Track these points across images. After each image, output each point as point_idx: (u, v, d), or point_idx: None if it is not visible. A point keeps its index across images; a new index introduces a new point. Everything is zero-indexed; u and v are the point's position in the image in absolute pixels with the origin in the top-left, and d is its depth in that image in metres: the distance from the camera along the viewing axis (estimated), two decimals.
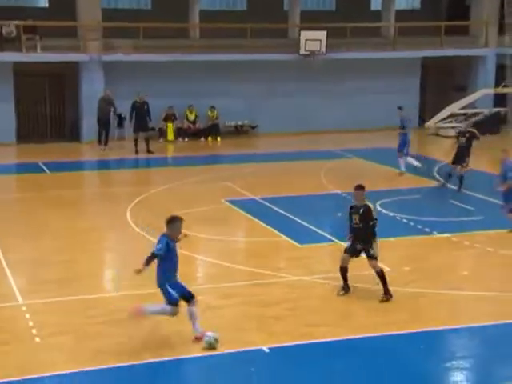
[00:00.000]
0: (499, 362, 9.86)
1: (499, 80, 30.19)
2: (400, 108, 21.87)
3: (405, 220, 16.39)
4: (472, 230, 15.81)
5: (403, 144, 21.42)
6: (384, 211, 17.16)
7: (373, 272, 11.89)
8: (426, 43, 30.01)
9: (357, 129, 29.12)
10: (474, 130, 19.76)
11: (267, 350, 10.06)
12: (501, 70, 30.26)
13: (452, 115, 29.37)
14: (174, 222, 10.18)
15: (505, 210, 15.73)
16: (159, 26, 26.92)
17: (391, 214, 16.93)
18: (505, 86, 29.79)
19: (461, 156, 19.17)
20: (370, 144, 26.84)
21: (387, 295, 11.76)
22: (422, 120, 30.29)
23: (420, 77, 31.09)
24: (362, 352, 10.13)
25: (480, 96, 29.69)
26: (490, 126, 28.79)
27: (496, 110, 29.75)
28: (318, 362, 9.80)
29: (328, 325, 10.93)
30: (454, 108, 29.38)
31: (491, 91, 29.99)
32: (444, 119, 29.24)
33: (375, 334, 10.57)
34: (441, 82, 31.84)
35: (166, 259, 10.00)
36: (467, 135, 19.28)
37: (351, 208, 12.04)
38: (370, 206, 11.86)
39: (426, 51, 29.91)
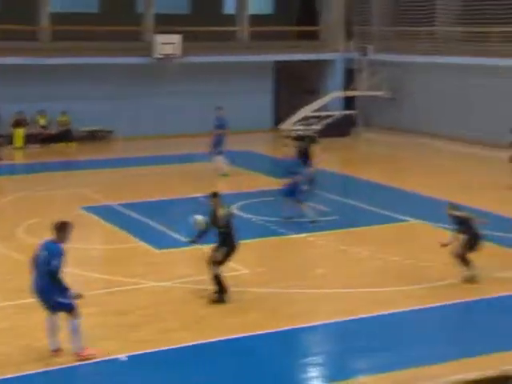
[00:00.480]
0: (352, 356, 10.16)
1: (348, 83, 31.28)
2: (220, 108, 22.21)
3: (261, 222, 16.61)
4: (326, 229, 16.25)
5: (219, 143, 21.70)
6: (241, 213, 17.34)
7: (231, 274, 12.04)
8: (279, 47, 30.64)
9: (212, 132, 29.20)
10: (313, 134, 20.19)
11: (125, 359, 9.89)
12: (349, 73, 31.34)
13: (305, 118, 30.14)
14: (66, 226, 9.95)
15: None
16: (7, 28, 25.93)
17: (248, 215, 17.12)
18: (353, 90, 30.90)
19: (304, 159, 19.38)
20: (228, 147, 26.98)
21: (221, 295, 11.88)
22: (278, 122, 30.89)
23: (274, 80, 31.69)
24: (220, 354, 10.16)
25: (331, 99, 30.65)
26: (341, 128, 29.80)
27: (346, 112, 30.79)
28: (176, 367, 9.75)
29: (186, 329, 10.89)
30: (307, 111, 30.16)
31: (341, 94, 31.02)
32: (298, 122, 29.94)
33: (233, 336, 10.63)
34: (294, 85, 32.59)
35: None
36: (306, 139, 19.49)
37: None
38: (221, 213, 11.90)
39: (278, 55, 30.54)
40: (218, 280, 11.85)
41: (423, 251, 14.60)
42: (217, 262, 11.83)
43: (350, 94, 30.89)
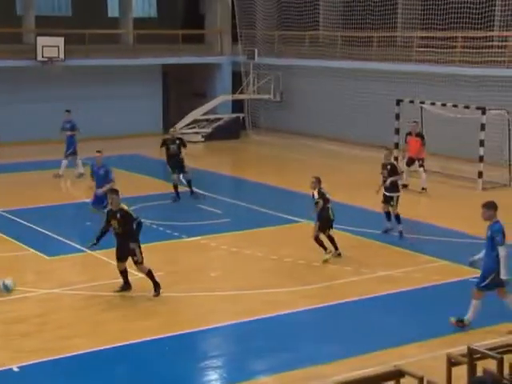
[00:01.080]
0: (249, 358, 10.27)
1: (236, 86, 31.54)
2: (68, 111, 22.55)
3: (154, 226, 16.51)
4: (219, 232, 16.33)
5: (72, 145, 22.02)
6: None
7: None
8: (165, 50, 30.52)
9: (102, 136, 28.79)
10: (183, 138, 20.10)
11: (17, 369, 9.62)
12: (237, 76, 31.61)
13: (195, 121, 30.17)
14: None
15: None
16: None
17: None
18: (241, 93, 31.19)
19: (177, 163, 19.12)
20: (117, 151, 26.66)
21: (158, 288, 12.32)
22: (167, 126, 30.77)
23: (162, 83, 31.53)
24: (118, 360, 10.05)
25: (219, 102, 30.82)
26: (231, 131, 30.01)
27: (235, 115, 31.04)
28: (72, 376, 9.57)
29: (81, 336, 10.70)
30: (197, 114, 30.21)
31: (229, 97, 31.24)
32: (188, 125, 29.93)
33: (130, 342, 10.53)
34: (182, 89, 32.57)
35: None
36: (177, 142, 19.29)
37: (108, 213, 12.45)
38: (126, 208, 12.24)
39: (164, 58, 30.41)
40: (150, 275, 12.28)
41: (315, 251, 14.88)
42: (140, 261, 12.18)
43: (238, 97, 31.17)
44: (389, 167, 15.94)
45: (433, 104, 22.04)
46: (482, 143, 20.51)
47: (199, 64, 31.35)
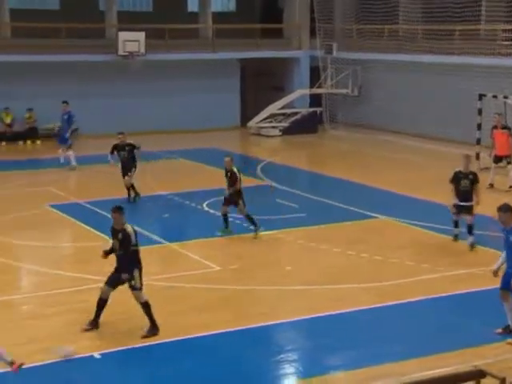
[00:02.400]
0: (322, 353, 10.20)
1: (314, 81, 31.43)
2: (65, 102, 22.79)
3: (231, 219, 16.59)
4: (295, 226, 16.31)
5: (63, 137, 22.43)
6: (211, 211, 17.35)
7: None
8: (244, 45, 30.65)
9: (181, 129, 29.20)
10: (133, 142, 18.75)
11: (98, 356, 9.85)
12: (315, 71, 31.49)
13: (273, 115, 30.23)
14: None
15: None
16: None
17: (218, 213, 17.10)
18: (319, 87, 31.07)
19: (128, 166, 18.43)
20: (195, 145, 27.01)
21: (154, 329, 10.55)
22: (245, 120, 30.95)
23: (240, 78, 31.70)
24: (194, 352, 10.15)
25: (297, 96, 30.78)
26: (308, 125, 29.94)
27: (312, 109, 30.94)
28: (150, 365, 9.73)
29: (160, 326, 10.84)
30: (274, 108, 30.26)
31: (307, 91, 31.17)
32: (265, 119, 30.02)
33: (202, 334, 10.58)
34: (260, 83, 32.66)
35: None
36: (127, 148, 18.40)
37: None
38: (129, 229, 10.59)
39: (243, 53, 30.53)
40: (147, 305, 10.60)
41: (391, 248, 14.74)
42: (139, 287, 10.60)
43: (316, 91, 31.06)
44: (471, 177, 14.60)
45: None
46: None
47: (277, 58, 31.37)
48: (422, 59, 27.52)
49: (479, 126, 21.96)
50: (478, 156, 21.56)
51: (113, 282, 10.67)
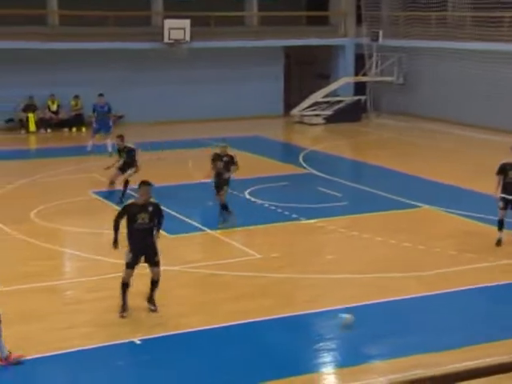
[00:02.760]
0: (365, 342, 10.16)
1: (359, 68, 31.17)
2: (101, 95, 23.25)
3: (273, 207, 16.62)
4: (337, 215, 16.25)
5: (108, 126, 22.79)
6: (253, 199, 17.37)
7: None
8: (289, 32, 30.52)
9: (224, 117, 29.26)
10: (131, 146, 17.85)
11: (139, 342, 9.95)
12: (360, 59, 31.23)
13: (316, 103, 30.08)
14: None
15: None
16: (15, 13, 25.91)
17: (259, 201, 17.14)
18: (364, 75, 30.80)
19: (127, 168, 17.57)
20: (238, 132, 27.02)
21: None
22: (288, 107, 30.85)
23: (284, 65, 31.60)
24: (235, 338, 10.20)
25: (341, 84, 30.57)
26: (352, 113, 29.73)
27: (357, 98, 30.70)
28: (191, 352, 9.80)
29: (197, 314, 10.92)
30: (318, 96, 30.11)
31: (352, 79, 30.93)
32: (308, 107, 29.89)
33: (243, 321, 10.64)
34: (304, 71, 32.51)
35: None
36: (126, 150, 17.56)
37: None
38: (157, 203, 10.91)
39: (288, 40, 30.41)
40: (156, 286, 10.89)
41: (435, 237, 14.59)
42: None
43: (361, 79, 30.80)
44: None
45: None
46: None
47: (322, 46, 31.18)
48: (469, 47, 27.07)
49: None
50: None
51: (134, 263, 10.75)
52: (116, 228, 10.92)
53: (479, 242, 14.29)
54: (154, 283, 10.92)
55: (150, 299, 10.97)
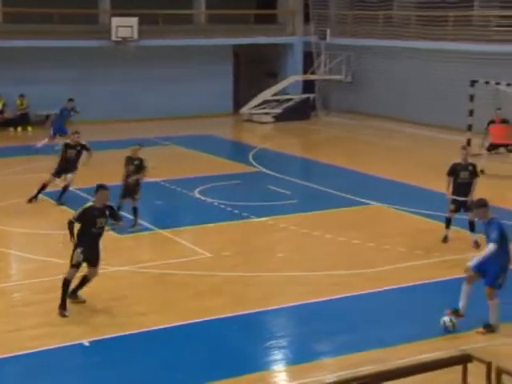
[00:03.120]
0: (314, 339, 10.21)
1: (307, 67, 31.33)
2: (71, 100, 23.30)
3: (223, 206, 16.60)
4: (288, 213, 16.31)
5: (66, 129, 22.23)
6: (202, 198, 17.32)
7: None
8: (237, 31, 30.51)
9: (172, 116, 29.12)
10: (86, 144, 17.74)
11: (87, 344, 9.84)
12: (308, 57, 31.40)
13: (266, 101, 30.14)
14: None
15: None
16: None
17: (209, 200, 17.10)
18: (313, 73, 30.98)
19: (70, 167, 17.24)
20: (187, 131, 26.93)
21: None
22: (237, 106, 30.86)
23: (233, 64, 31.58)
24: (187, 338, 10.17)
25: (290, 82, 30.70)
26: (301, 111, 29.88)
27: (305, 96, 30.86)
28: (147, 350, 9.72)
29: (155, 313, 10.87)
30: (267, 94, 30.17)
31: (300, 78, 31.08)
32: (258, 105, 29.93)
33: (198, 320, 10.63)
34: (253, 69, 32.55)
35: None
36: (78, 148, 17.32)
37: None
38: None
39: (236, 39, 30.40)
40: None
41: (385, 234, 14.74)
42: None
43: (309, 77, 30.97)
44: (470, 168, 14.01)
45: (509, 85, 21.41)
46: None
47: (271, 44, 31.25)
48: (415, 45, 27.46)
49: (471, 113, 21.94)
50: (469, 142, 21.56)
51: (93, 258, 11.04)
52: (72, 231, 10.90)
53: (429, 239, 14.49)
54: (87, 281, 11.12)
55: (74, 292, 11.04)
